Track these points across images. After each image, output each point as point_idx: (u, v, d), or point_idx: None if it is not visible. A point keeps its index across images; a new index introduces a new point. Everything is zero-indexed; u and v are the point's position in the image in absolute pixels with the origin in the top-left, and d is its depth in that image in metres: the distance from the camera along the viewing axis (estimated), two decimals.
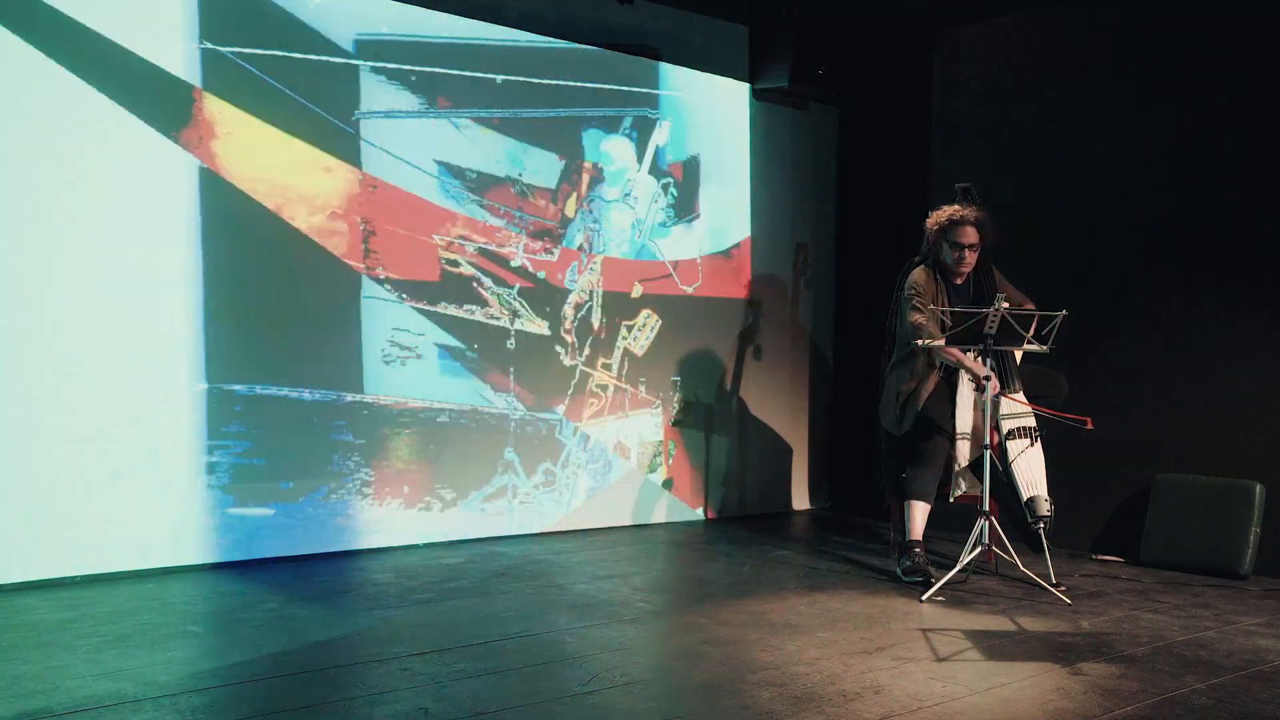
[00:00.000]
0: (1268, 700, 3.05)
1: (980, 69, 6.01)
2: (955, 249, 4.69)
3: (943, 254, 4.74)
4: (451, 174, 5.31)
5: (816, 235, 6.87)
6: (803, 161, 6.78)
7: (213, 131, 4.63)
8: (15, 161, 4.19)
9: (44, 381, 4.25)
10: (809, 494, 6.84)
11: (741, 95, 6.44)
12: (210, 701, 2.88)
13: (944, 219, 4.71)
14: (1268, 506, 4.81)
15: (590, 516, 5.82)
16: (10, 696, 2.90)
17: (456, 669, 3.20)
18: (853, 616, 3.96)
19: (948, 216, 4.70)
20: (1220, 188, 5.07)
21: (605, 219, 5.87)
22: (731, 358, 6.43)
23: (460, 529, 5.34)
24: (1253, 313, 4.96)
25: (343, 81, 4.97)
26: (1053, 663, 3.39)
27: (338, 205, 4.96)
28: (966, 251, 4.69)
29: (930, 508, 4.67)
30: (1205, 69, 5.11)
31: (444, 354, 5.30)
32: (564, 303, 5.71)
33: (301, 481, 4.86)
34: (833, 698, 2.99)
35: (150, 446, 4.49)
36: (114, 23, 4.39)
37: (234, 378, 4.69)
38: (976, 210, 4.71)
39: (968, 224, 4.67)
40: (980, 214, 4.70)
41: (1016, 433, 4.60)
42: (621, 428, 5.94)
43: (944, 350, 4.51)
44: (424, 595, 4.19)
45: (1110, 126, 5.44)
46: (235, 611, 3.89)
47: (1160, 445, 5.22)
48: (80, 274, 4.33)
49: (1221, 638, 3.75)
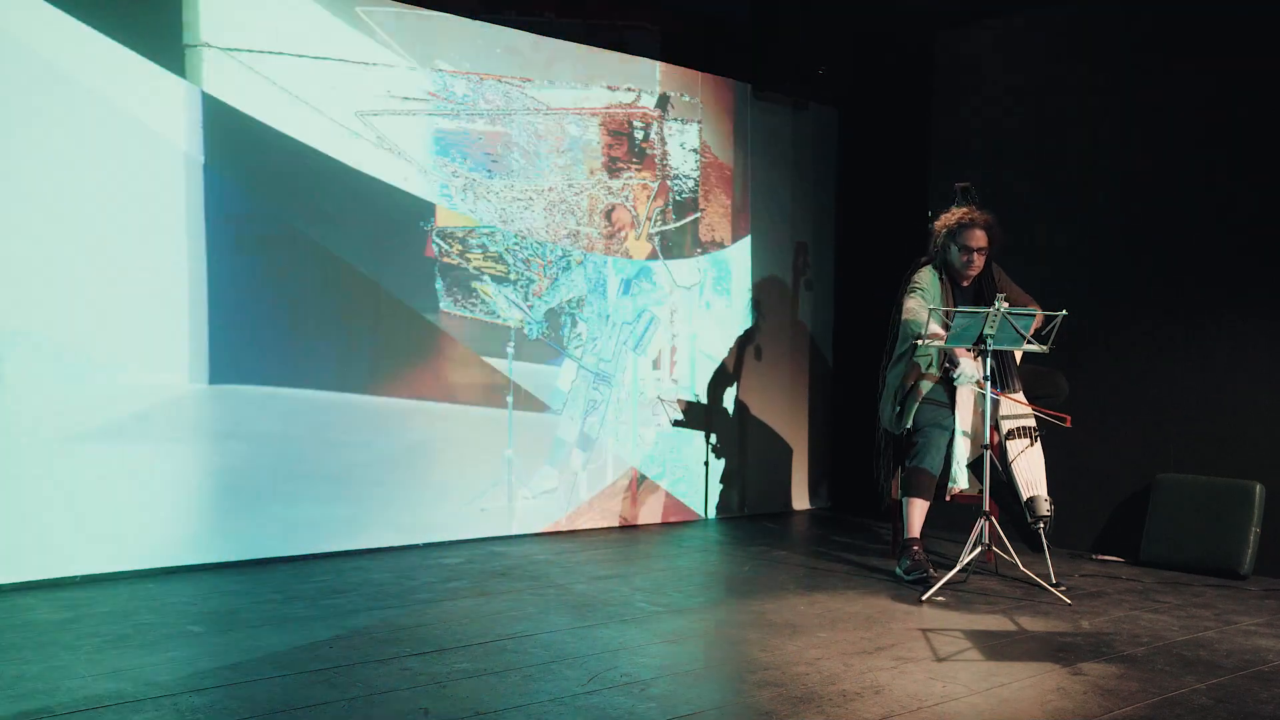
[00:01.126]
0: (1268, 700, 3.05)
1: (980, 69, 6.01)
2: (964, 252, 4.69)
3: (951, 256, 4.74)
4: (450, 169, 5.31)
5: (816, 235, 6.87)
6: (803, 161, 6.78)
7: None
8: (15, 163, 4.19)
9: (44, 381, 4.25)
10: (809, 494, 6.84)
11: (741, 95, 6.44)
12: (210, 701, 2.88)
13: (954, 221, 4.71)
14: (1268, 506, 4.81)
15: (590, 516, 5.82)
16: (10, 696, 2.90)
17: (456, 669, 3.20)
18: (853, 616, 3.96)
19: (957, 219, 4.70)
20: (1220, 188, 5.07)
21: (606, 217, 5.87)
22: (731, 358, 6.43)
23: (460, 529, 5.34)
24: (1253, 313, 4.96)
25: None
26: (1053, 663, 3.39)
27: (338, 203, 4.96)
28: (975, 255, 4.69)
29: (929, 506, 4.67)
30: (1205, 69, 5.10)
31: (444, 353, 5.30)
32: (564, 302, 5.71)
33: (302, 481, 4.86)
34: (833, 698, 2.99)
35: (150, 446, 4.49)
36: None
37: (234, 377, 4.69)
38: (986, 214, 4.71)
39: (978, 227, 4.67)
40: (990, 217, 4.70)
41: (1016, 433, 4.60)
42: (622, 428, 5.94)
43: (931, 335, 4.49)
44: (424, 595, 4.19)
45: (1110, 126, 5.44)
46: (235, 611, 3.89)
47: (1160, 445, 5.22)
48: (81, 273, 4.33)
49: (1221, 638, 3.75)
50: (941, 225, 4.77)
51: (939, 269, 4.77)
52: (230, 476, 4.67)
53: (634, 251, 5.98)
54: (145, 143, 4.47)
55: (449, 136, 5.30)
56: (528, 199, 5.57)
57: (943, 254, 4.77)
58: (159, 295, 4.51)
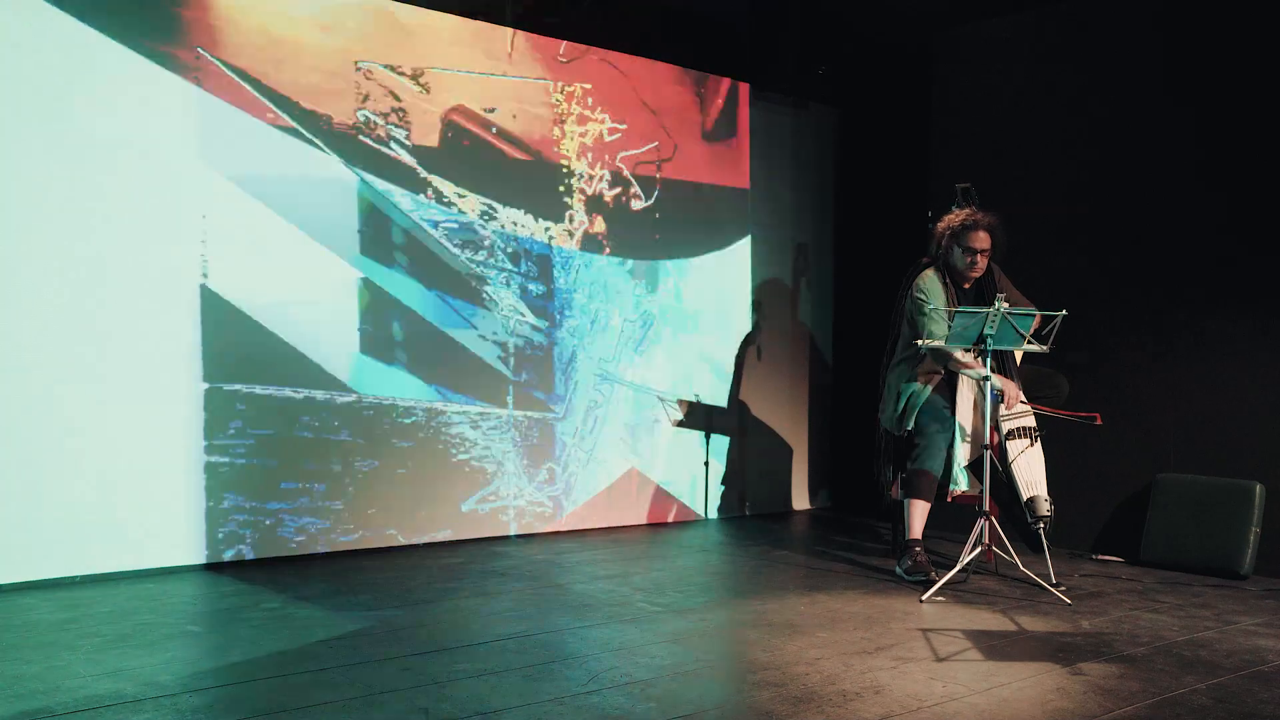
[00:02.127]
0: (1268, 700, 3.05)
1: (979, 69, 6.01)
2: (968, 253, 4.69)
3: (954, 258, 4.73)
4: (448, 170, 5.31)
5: (816, 235, 6.87)
6: (803, 161, 6.78)
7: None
8: (17, 163, 4.20)
9: (44, 381, 4.25)
10: (809, 494, 6.84)
11: (741, 95, 6.44)
12: (210, 701, 2.88)
13: (957, 223, 4.71)
14: (1268, 506, 4.81)
15: (590, 517, 5.82)
16: (10, 696, 2.90)
17: (456, 669, 3.20)
18: (853, 616, 3.96)
19: (960, 221, 4.70)
20: (1221, 187, 5.07)
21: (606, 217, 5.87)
22: (731, 358, 6.43)
23: (460, 529, 5.34)
24: (1252, 313, 4.96)
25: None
26: (1053, 663, 3.39)
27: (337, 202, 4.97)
28: (979, 256, 4.69)
29: (930, 506, 4.67)
30: (1205, 69, 5.10)
31: (445, 353, 5.30)
32: (564, 301, 5.71)
33: (301, 481, 4.86)
34: (833, 698, 2.99)
35: (150, 446, 4.49)
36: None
37: (234, 377, 4.69)
38: (990, 216, 4.71)
39: (981, 228, 4.67)
40: (994, 219, 4.70)
41: (1016, 433, 4.60)
42: (622, 428, 5.94)
43: (960, 363, 4.52)
44: (424, 595, 4.19)
45: (1109, 126, 5.44)
46: (235, 611, 3.89)
47: (1160, 445, 5.22)
48: (81, 273, 4.33)
49: (1221, 638, 3.75)
50: (944, 226, 4.76)
51: (941, 271, 4.76)
52: (231, 476, 4.67)
53: (634, 251, 5.97)
54: (144, 142, 4.47)
55: (450, 129, 5.31)
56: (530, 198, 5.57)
57: (945, 256, 4.76)
58: (161, 294, 4.51)
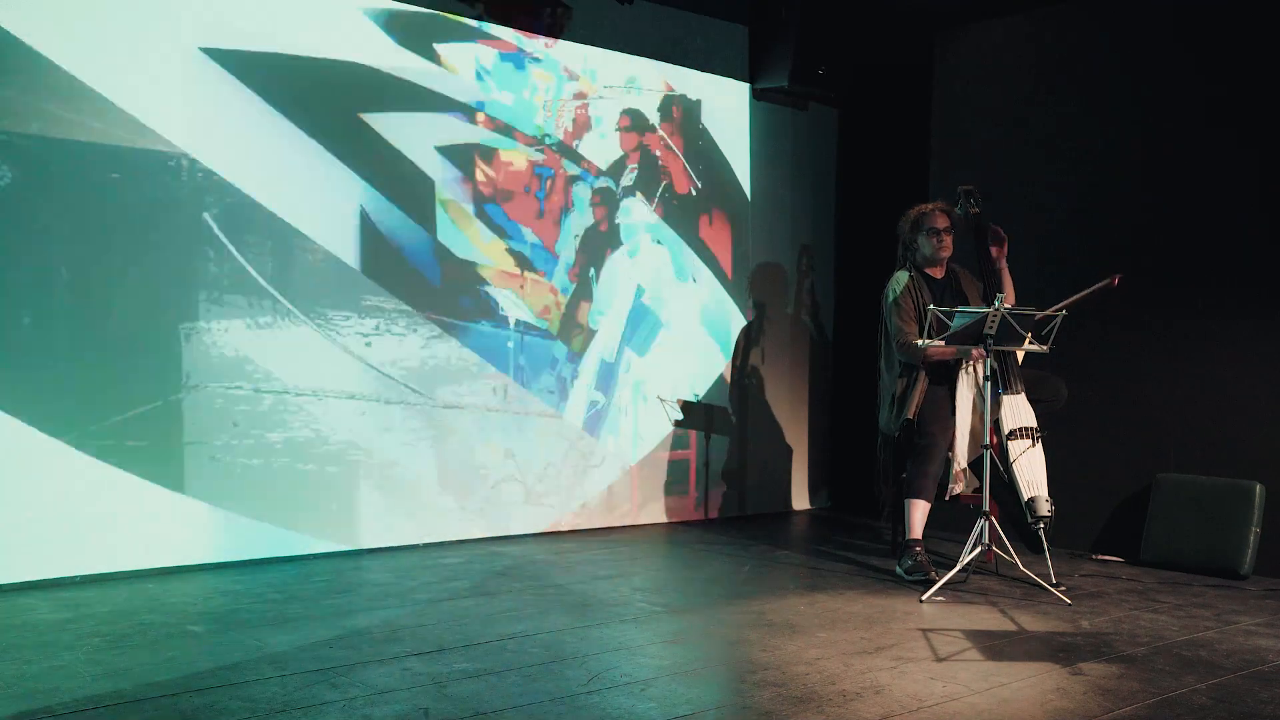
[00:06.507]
0: (1268, 700, 3.05)
1: (980, 69, 6.01)
2: (933, 234, 4.83)
3: (923, 249, 4.84)
4: (447, 171, 5.31)
5: (817, 235, 6.87)
6: (803, 161, 6.78)
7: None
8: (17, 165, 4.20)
9: (44, 381, 4.25)
10: (809, 494, 6.84)
11: (742, 95, 6.44)
12: (210, 701, 2.88)
13: (914, 214, 4.90)
14: (1268, 506, 4.81)
15: (590, 516, 5.82)
16: (10, 696, 2.90)
17: (456, 669, 3.20)
18: (853, 616, 3.96)
19: (917, 211, 4.90)
20: (1221, 187, 5.07)
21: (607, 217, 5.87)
22: (732, 358, 6.43)
23: (460, 529, 5.34)
24: (1253, 312, 4.96)
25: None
26: (1053, 663, 3.39)
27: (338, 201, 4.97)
28: (944, 234, 4.84)
29: (930, 506, 4.68)
30: (1207, 68, 5.10)
31: (445, 352, 5.30)
32: (564, 300, 5.71)
33: (301, 481, 4.86)
34: (833, 698, 2.99)
35: (150, 446, 4.48)
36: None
37: (232, 377, 4.69)
38: (948, 202, 4.92)
39: (938, 210, 4.87)
40: (948, 204, 4.91)
41: (1017, 433, 4.60)
42: (622, 427, 5.94)
43: (930, 351, 4.58)
44: (424, 595, 4.19)
45: (1110, 126, 5.44)
46: (235, 611, 3.89)
47: (1160, 445, 5.22)
48: (80, 272, 4.33)
49: (1221, 638, 3.75)
50: (904, 222, 4.93)
51: (911, 269, 4.89)
52: (231, 476, 4.67)
53: (634, 251, 5.97)
54: (143, 143, 4.47)
55: (449, 126, 5.31)
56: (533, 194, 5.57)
57: (913, 254, 4.90)
58: (159, 293, 4.51)
